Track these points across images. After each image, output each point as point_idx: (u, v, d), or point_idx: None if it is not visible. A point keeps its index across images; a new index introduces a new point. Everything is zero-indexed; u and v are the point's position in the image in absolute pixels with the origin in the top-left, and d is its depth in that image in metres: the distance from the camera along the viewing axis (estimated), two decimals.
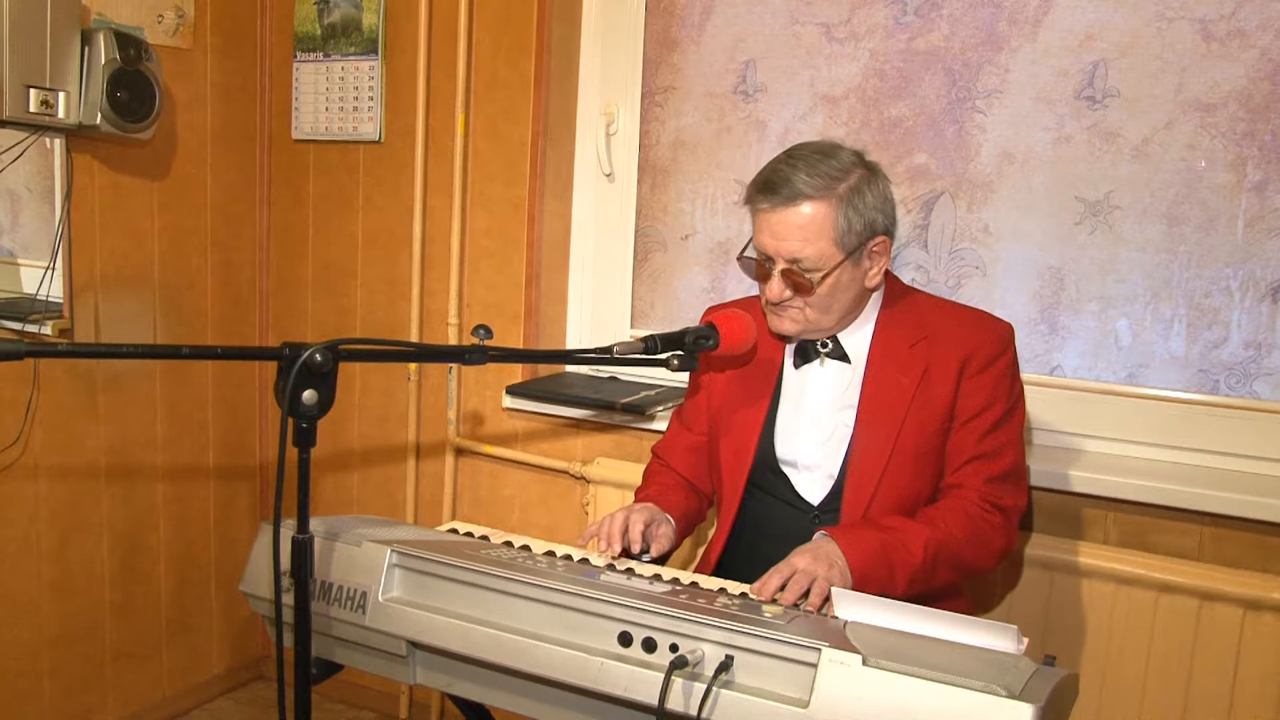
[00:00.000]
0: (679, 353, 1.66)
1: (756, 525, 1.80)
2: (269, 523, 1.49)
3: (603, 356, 1.65)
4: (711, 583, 1.55)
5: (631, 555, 1.68)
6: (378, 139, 2.74)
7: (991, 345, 1.71)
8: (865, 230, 1.66)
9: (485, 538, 1.69)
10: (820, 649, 1.20)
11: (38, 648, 2.53)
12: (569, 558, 1.58)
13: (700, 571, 1.81)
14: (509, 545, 1.63)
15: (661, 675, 1.24)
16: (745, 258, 1.74)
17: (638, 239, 2.64)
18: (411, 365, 2.74)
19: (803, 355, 1.78)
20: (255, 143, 2.90)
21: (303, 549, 1.36)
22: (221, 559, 2.95)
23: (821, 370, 1.76)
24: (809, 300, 1.67)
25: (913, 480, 1.70)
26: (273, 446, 3.01)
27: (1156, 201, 2.10)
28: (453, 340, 2.67)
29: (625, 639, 1.30)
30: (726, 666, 1.24)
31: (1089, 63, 2.12)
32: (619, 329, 2.68)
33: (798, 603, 1.47)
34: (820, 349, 1.76)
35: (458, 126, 2.61)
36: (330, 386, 1.35)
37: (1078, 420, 2.17)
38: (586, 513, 2.52)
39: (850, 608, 1.38)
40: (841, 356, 1.75)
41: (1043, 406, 2.19)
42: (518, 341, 2.62)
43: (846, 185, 1.64)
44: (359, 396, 2.86)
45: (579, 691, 1.33)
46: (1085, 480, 2.01)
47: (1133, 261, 2.13)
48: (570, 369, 2.72)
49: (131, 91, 2.35)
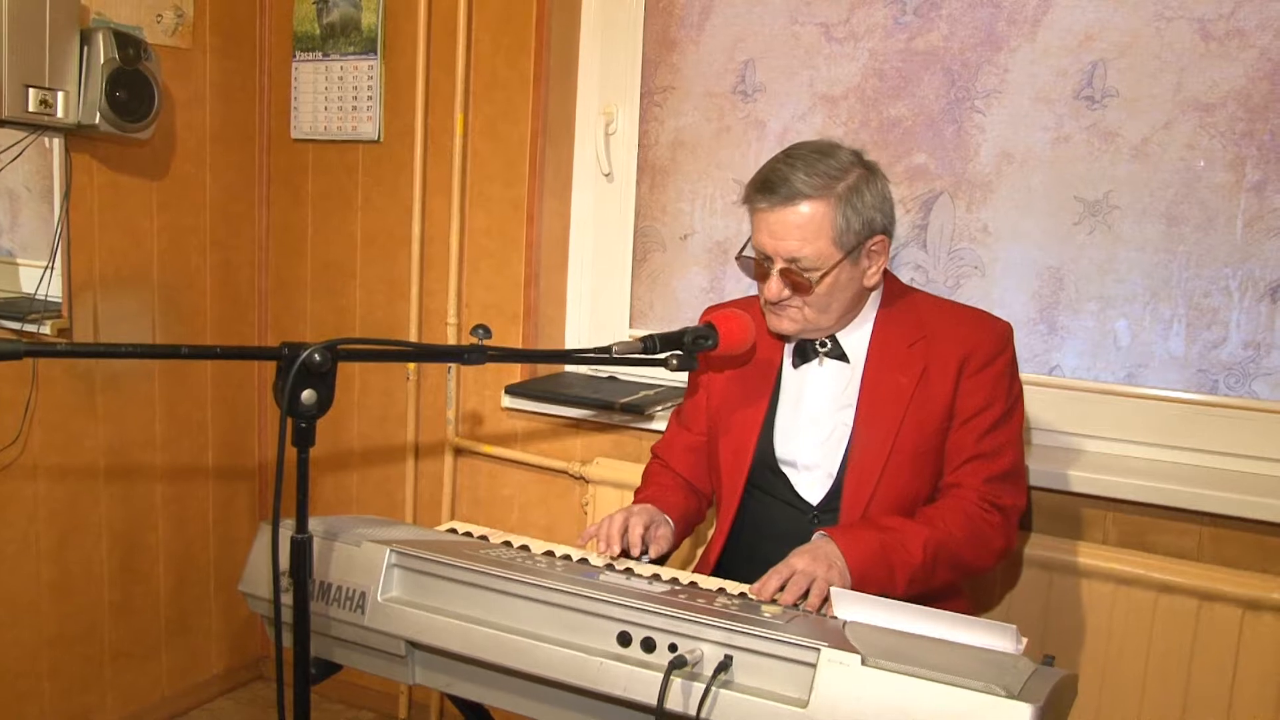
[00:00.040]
0: (678, 353, 1.66)
1: (755, 525, 1.80)
2: (268, 523, 1.49)
3: (602, 356, 1.65)
4: (710, 583, 1.55)
5: (630, 556, 1.68)
6: (377, 139, 2.73)
7: (990, 344, 1.71)
8: (864, 229, 1.66)
9: (484, 538, 1.69)
10: (819, 649, 1.20)
11: (37, 648, 2.52)
12: (568, 558, 1.58)
13: (699, 571, 1.81)
14: (508, 545, 1.63)
15: (660, 675, 1.24)
16: (744, 257, 1.74)
17: (637, 239, 2.64)
18: (410, 365, 2.74)
19: (801, 355, 1.78)
20: (254, 142, 2.90)
21: (302, 549, 1.36)
22: (220, 559, 2.95)
23: (820, 370, 1.76)
24: (807, 300, 1.67)
25: (912, 480, 1.70)
26: (272, 446, 3.01)
27: (1155, 201, 2.10)
28: (452, 340, 2.67)
29: (624, 639, 1.30)
30: (725, 666, 1.24)
31: (1088, 62, 2.12)
32: (618, 329, 2.68)
33: (797, 603, 1.46)
34: (819, 348, 1.76)
35: (457, 126, 2.61)
36: (329, 386, 1.35)
37: (1077, 420, 2.17)
38: (585, 513, 2.52)
39: (849, 608, 1.38)
40: (840, 356, 1.75)
41: (1042, 406, 2.19)
42: (517, 341, 2.62)
43: (845, 184, 1.64)
44: (358, 396, 2.86)
45: (578, 691, 1.33)
46: (1084, 480, 2.00)
47: (1132, 261, 2.13)
48: (569, 369, 2.72)
49: (130, 91, 2.35)
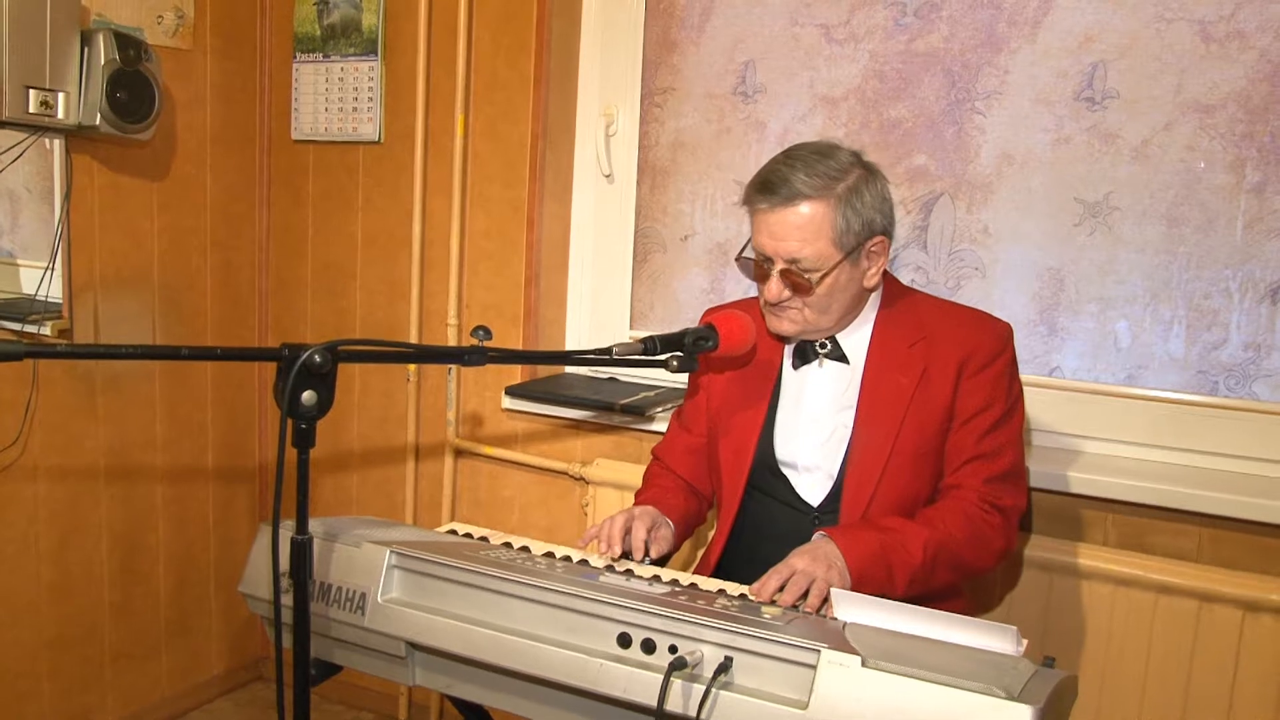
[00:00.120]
0: (678, 354, 1.66)
1: (756, 526, 1.80)
2: (268, 524, 1.48)
3: (602, 358, 1.64)
4: (711, 584, 1.55)
5: (631, 558, 1.68)
6: (377, 139, 2.74)
7: (990, 345, 1.70)
8: (863, 230, 1.66)
9: (485, 539, 1.69)
10: (819, 650, 1.19)
11: (37, 649, 2.52)
12: (568, 559, 1.58)
13: (700, 573, 1.81)
14: (508, 546, 1.63)
15: (661, 676, 1.24)
16: (743, 258, 1.74)
17: (637, 240, 2.64)
18: (411, 366, 2.74)
19: (801, 356, 1.78)
20: (255, 143, 2.90)
21: (302, 550, 1.35)
22: (221, 560, 2.95)
23: (820, 371, 1.76)
24: (807, 300, 1.67)
25: (912, 480, 1.70)
26: (272, 447, 3.01)
27: (1156, 203, 2.10)
28: (452, 341, 2.67)
29: (624, 640, 1.30)
30: (725, 668, 1.24)
31: (1088, 64, 2.12)
32: (618, 330, 2.68)
33: (796, 604, 1.46)
34: (819, 349, 1.76)
35: (457, 127, 2.61)
36: (329, 387, 1.35)
37: (1077, 421, 2.17)
38: (586, 514, 2.51)
39: (849, 609, 1.38)
40: (840, 357, 1.75)
41: (1042, 407, 2.19)
42: (517, 343, 2.62)
43: (845, 185, 1.64)
44: (358, 397, 2.86)
45: (578, 693, 1.33)
46: (1084, 481, 2.00)
47: (1132, 263, 2.13)
48: (569, 370, 2.72)
49: (131, 92, 2.35)
